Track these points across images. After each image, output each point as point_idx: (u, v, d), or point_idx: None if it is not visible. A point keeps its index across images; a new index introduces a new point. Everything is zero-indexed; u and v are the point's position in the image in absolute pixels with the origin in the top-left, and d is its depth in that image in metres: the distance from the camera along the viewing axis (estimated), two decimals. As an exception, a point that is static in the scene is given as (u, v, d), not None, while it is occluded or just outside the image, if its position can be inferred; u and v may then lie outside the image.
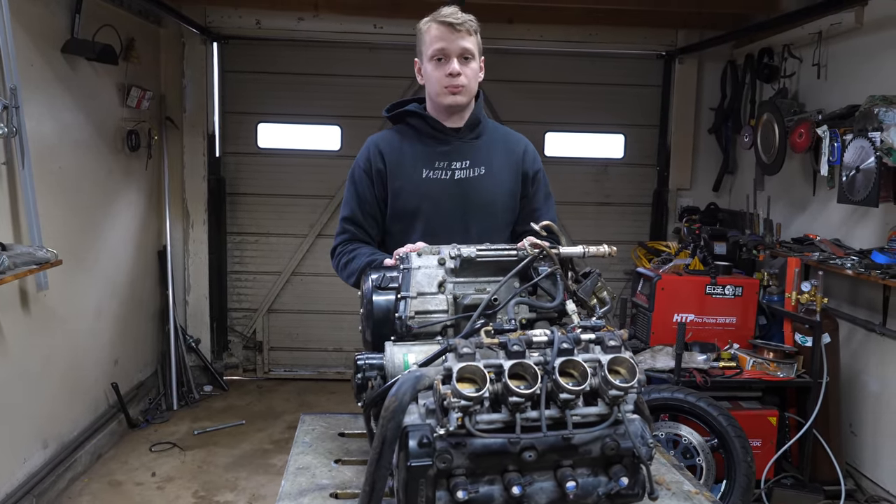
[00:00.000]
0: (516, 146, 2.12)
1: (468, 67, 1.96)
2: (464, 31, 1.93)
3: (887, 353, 3.61)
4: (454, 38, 1.92)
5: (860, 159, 3.44)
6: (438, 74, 1.95)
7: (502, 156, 2.08)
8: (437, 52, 1.94)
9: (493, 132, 2.12)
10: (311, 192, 5.44)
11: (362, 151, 2.08)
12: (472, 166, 2.02)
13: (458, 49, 1.93)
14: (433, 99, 2.00)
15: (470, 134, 2.05)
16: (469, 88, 1.97)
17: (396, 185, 2.00)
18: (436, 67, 1.95)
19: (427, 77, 1.99)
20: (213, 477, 3.95)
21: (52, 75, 3.63)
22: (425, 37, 1.97)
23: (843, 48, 4.01)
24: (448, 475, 1.23)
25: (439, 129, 2.02)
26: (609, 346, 1.30)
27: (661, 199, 5.57)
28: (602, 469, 1.31)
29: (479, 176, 2.02)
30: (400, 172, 2.00)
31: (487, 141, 2.08)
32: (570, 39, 5.22)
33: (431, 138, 2.02)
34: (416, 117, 2.04)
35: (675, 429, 3.32)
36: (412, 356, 1.40)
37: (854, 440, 3.86)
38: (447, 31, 1.92)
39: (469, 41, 1.94)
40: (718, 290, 3.83)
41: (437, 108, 2.01)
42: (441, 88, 1.95)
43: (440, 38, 1.93)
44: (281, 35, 5.23)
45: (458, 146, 2.03)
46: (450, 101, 1.96)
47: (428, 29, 1.96)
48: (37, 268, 3.15)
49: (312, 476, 1.54)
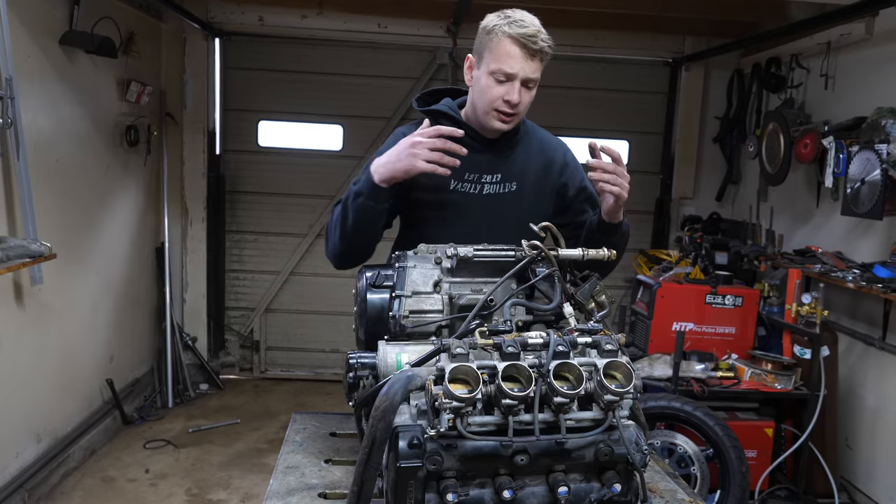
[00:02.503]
0: (554, 157, 1.94)
1: (529, 95, 1.77)
2: (538, 59, 1.74)
3: (886, 367, 3.58)
4: (526, 64, 1.72)
5: (866, 171, 3.42)
6: (495, 94, 1.75)
7: (538, 170, 1.91)
8: (504, 73, 1.73)
9: (530, 139, 1.93)
10: (312, 192, 5.40)
11: (390, 141, 1.84)
12: (504, 181, 1.87)
13: (525, 75, 1.73)
14: (478, 113, 1.82)
15: (506, 145, 1.88)
16: (522, 115, 1.81)
17: (422, 191, 1.84)
18: (495, 85, 1.74)
19: (480, 88, 1.78)
20: (207, 475, 3.93)
21: (49, 67, 3.59)
22: (493, 45, 1.74)
23: (852, 59, 3.99)
24: (438, 477, 1.21)
25: (473, 138, 1.83)
26: (605, 350, 1.28)
27: (664, 207, 5.55)
28: (595, 475, 1.29)
29: (509, 193, 1.87)
30: (427, 178, 1.78)
31: (524, 151, 1.90)
32: (576, 44, 5.19)
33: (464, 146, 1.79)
34: (449, 120, 1.84)
35: (671, 437, 3.30)
36: (405, 356, 1.38)
37: (849, 454, 3.83)
38: (522, 54, 1.71)
39: (538, 69, 1.75)
40: (718, 299, 3.81)
41: (479, 121, 1.83)
42: (492, 110, 1.77)
43: (511, 57, 1.71)
44: (284, 32, 5.20)
45: (491, 157, 1.86)
46: (498, 126, 1.79)
47: (500, 40, 1.72)
48: (31, 261, 3.11)
49: (302, 475, 1.51)
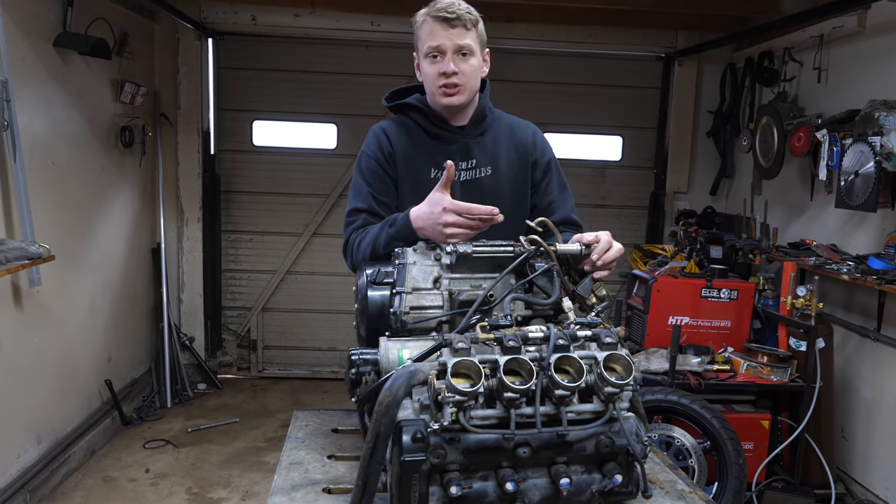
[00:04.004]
0: (524, 136, 1.99)
1: (466, 64, 1.82)
2: (460, 26, 1.79)
3: (881, 358, 3.61)
4: (449, 34, 1.78)
5: (859, 164, 3.44)
6: (433, 73, 1.82)
7: (510, 151, 1.95)
8: (432, 49, 1.80)
9: (498, 124, 1.98)
10: (307, 191, 5.41)
11: (370, 139, 1.94)
12: (479, 166, 1.91)
13: (453, 46, 1.79)
14: (431, 99, 1.89)
15: (475, 130, 1.93)
16: (468, 87, 1.84)
17: (402, 183, 1.90)
18: (431, 65, 1.82)
19: (423, 75, 1.87)
20: (207, 474, 3.94)
21: (44, 69, 3.59)
22: (420, 32, 1.84)
23: (845, 52, 4.01)
24: (442, 470, 1.22)
25: (442, 128, 1.90)
26: (605, 343, 1.29)
27: (658, 202, 5.57)
28: (596, 466, 1.30)
29: (485, 177, 1.91)
30: (406, 169, 1.89)
31: (493, 135, 1.96)
32: (569, 40, 5.21)
33: (435, 137, 1.91)
34: (417, 112, 1.92)
35: (669, 431, 3.32)
36: (407, 351, 1.39)
37: (845, 445, 3.86)
38: (441, 27, 1.78)
39: (467, 36, 1.80)
40: (714, 293, 3.82)
41: (438, 107, 1.89)
42: (436, 88, 1.83)
43: (434, 33, 1.79)
44: (277, 31, 5.20)
45: (462, 145, 1.91)
46: (445, 101, 1.84)
47: (423, 23, 1.82)
48: (29, 263, 3.12)
49: (305, 471, 1.52)
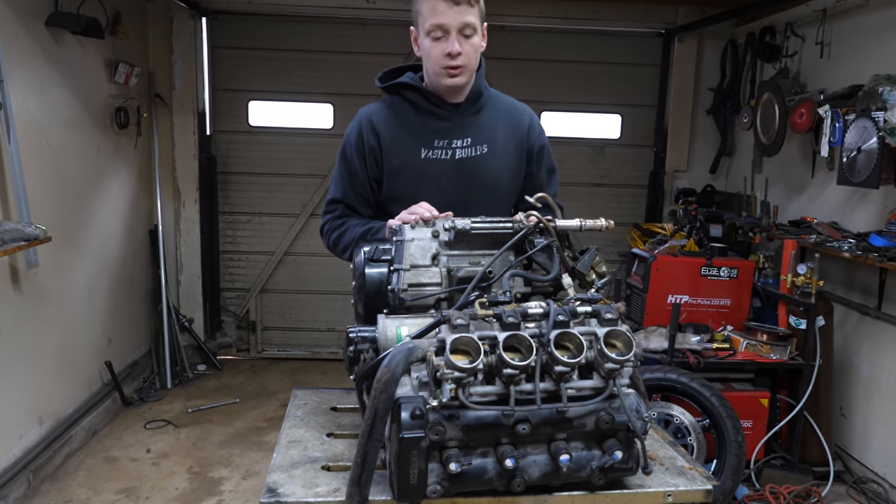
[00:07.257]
0: (521, 119, 1.97)
1: (469, 44, 1.78)
2: (464, 3, 1.75)
3: (881, 336, 3.61)
4: (454, 13, 1.74)
5: (862, 140, 3.41)
6: (437, 53, 1.78)
7: (506, 131, 1.94)
8: (435, 27, 1.76)
9: (495, 104, 1.96)
10: (304, 172, 5.38)
11: (353, 126, 1.92)
12: (474, 144, 1.89)
13: (458, 24, 1.75)
14: (431, 77, 1.85)
15: (471, 108, 1.91)
16: (470, 67, 1.82)
17: (393, 166, 1.87)
18: (434, 44, 1.78)
19: (425, 53, 1.82)
20: (208, 454, 3.96)
21: (37, 49, 3.54)
22: (421, 7, 1.79)
23: (848, 26, 3.95)
24: (441, 447, 1.22)
25: (438, 105, 1.88)
26: (606, 320, 1.28)
27: (658, 180, 5.54)
28: (596, 443, 1.30)
29: (481, 155, 1.89)
30: (396, 152, 1.87)
31: (490, 114, 1.93)
32: (567, 16, 5.14)
33: (430, 114, 1.88)
34: (412, 91, 1.89)
35: (668, 409, 3.33)
36: (405, 329, 1.38)
37: (844, 422, 3.88)
38: (445, 3, 1.74)
39: (471, 14, 1.76)
40: (713, 271, 3.82)
41: (437, 86, 1.86)
42: (440, 69, 1.79)
43: (438, 11, 1.75)
44: (272, 10, 5.12)
45: (458, 122, 1.89)
46: (449, 83, 1.81)
47: (425, 1, 1.78)
48: (26, 244, 3.12)
49: (304, 449, 1.52)
